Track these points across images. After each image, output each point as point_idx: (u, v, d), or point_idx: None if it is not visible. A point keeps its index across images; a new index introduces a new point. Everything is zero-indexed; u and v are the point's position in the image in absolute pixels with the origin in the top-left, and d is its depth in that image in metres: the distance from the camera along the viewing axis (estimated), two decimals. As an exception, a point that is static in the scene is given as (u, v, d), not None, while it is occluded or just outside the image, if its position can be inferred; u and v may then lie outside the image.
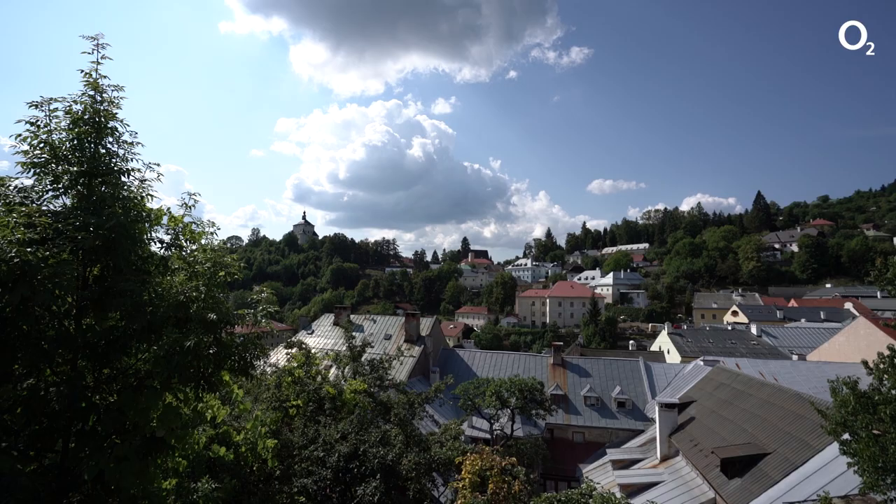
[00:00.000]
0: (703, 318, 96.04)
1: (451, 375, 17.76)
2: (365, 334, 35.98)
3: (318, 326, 42.23)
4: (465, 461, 8.79)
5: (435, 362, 37.61)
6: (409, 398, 14.89)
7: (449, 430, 14.28)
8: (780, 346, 48.70)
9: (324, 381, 14.17)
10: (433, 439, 13.54)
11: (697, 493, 19.35)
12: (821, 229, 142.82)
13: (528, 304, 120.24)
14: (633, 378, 34.71)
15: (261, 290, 6.23)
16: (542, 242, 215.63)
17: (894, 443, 9.50)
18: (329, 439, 11.15)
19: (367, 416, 13.46)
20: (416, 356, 34.51)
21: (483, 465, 8.45)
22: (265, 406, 13.10)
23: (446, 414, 25.87)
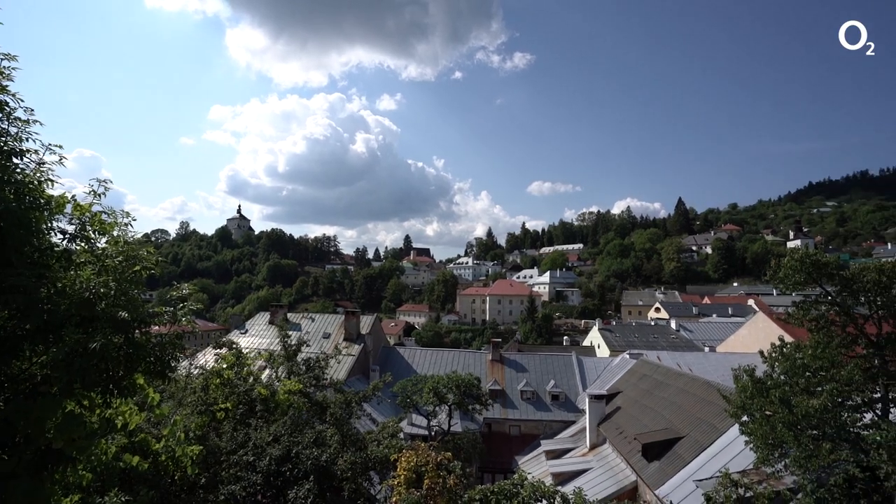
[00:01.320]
0: (631, 314, 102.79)
1: (389, 373, 17.67)
2: (302, 333, 34.78)
3: (253, 325, 40.26)
4: (400, 458, 8.79)
5: (375, 361, 37.20)
6: (347, 397, 14.63)
7: (387, 428, 14.20)
8: (694, 340, 53.23)
9: (256, 382, 13.55)
10: (370, 438, 13.40)
11: (621, 476, 20.70)
12: (730, 234, 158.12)
13: (468, 302, 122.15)
14: (567, 372, 36.39)
15: (182, 286, 5.79)
16: (483, 242, 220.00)
17: (782, 422, 10.76)
18: (260, 442, 10.68)
19: (301, 416, 13.05)
20: (355, 355, 33.92)
21: (418, 462, 8.49)
22: (190, 410, 12.30)
23: (385, 412, 25.69)
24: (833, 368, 11.53)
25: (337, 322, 38.90)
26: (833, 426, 10.84)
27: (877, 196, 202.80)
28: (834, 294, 12.94)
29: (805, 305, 13.31)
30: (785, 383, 11.97)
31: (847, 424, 10.90)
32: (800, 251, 13.36)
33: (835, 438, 10.70)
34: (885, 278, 11.99)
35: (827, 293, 13.15)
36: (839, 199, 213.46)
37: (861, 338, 12.44)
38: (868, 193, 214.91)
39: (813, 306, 13.14)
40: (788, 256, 13.28)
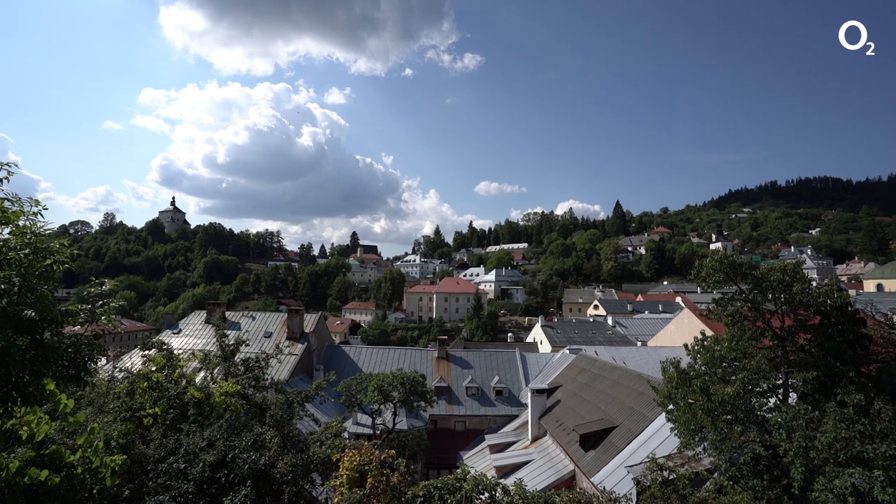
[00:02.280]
0: (571, 311, 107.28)
1: (333, 372, 17.30)
2: (241, 332, 33.24)
3: (187, 325, 37.88)
4: (343, 458, 8.65)
5: (319, 360, 36.26)
6: (288, 398, 14.16)
7: (330, 428, 13.91)
8: (629, 335, 56.53)
9: (189, 385, 12.76)
10: (313, 439, 13.06)
11: (561, 466, 21.58)
12: (662, 236, 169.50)
13: (415, 300, 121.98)
14: (510, 368, 37.37)
15: (102, 282, 5.31)
16: (430, 239, 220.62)
17: (701, 408, 11.71)
18: (192, 448, 10.08)
19: (239, 419, 12.47)
20: (298, 354, 32.90)
21: (362, 460, 8.40)
22: (112, 417, 11.38)
23: (329, 412, 25.13)
24: (745, 359, 12.71)
25: (279, 321, 37.49)
26: (744, 411, 11.94)
27: (784, 204, 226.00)
28: (747, 292, 14.25)
29: (723, 302, 14.56)
30: (705, 373, 13.04)
31: (755, 409, 12.06)
32: (719, 253, 14.59)
33: (745, 422, 11.79)
34: (787, 277, 13.38)
35: (741, 291, 14.46)
36: (753, 206, 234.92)
37: (768, 331, 13.79)
38: (777, 202, 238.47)
39: (729, 303, 14.41)
40: (709, 258, 14.48)
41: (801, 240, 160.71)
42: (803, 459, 9.57)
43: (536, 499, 9.22)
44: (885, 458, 8.09)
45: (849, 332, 13.52)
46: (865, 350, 13.75)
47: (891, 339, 14.25)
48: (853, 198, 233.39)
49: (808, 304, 13.71)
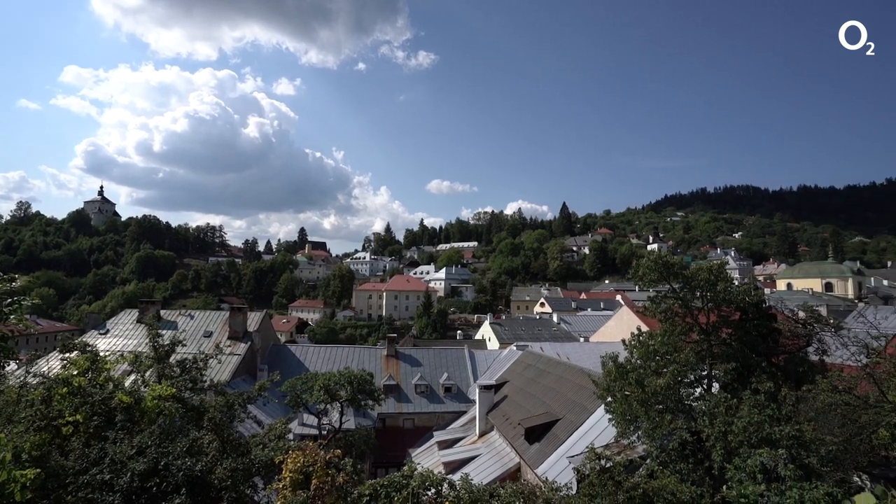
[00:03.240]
0: (519, 309, 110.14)
1: (278, 372, 16.73)
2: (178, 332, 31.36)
3: (117, 325, 35.15)
4: (286, 460, 8.40)
5: (263, 360, 34.93)
6: (229, 399, 13.52)
7: (274, 430, 13.45)
8: (573, 331, 58.92)
9: (117, 389, 11.86)
10: (255, 441, 12.56)
11: (507, 460, 22.18)
12: (604, 237, 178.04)
13: (365, 298, 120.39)
14: (459, 365, 37.83)
15: (11, 278, 4.83)
16: (381, 237, 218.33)
17: (636, 400, 12.48)
18: (120, 457, 9.38)
19: (173, 424, 11.76)
20: (241, 354, 31.51)
21: (306, 462, 8.20)
22: (24, 427, 10.36)
23: (274, 413, 24.28)
24: (675, 352, 13.68)
25: (221, 319, 35.67)
26: (673, 400, 12.85)
27: (712, 209, 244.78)
28: (678, 290, 15.33)
29: (657, 300, 15.57)
30: (640, 367, 13.89)
31: (683, 398, 13.02)
32: (654, 254, 15.59)
33: (674, 410, 12.70)
34: (712, 277, 14.55)
35: (673, 289, 15.54)
36: (686, 210, 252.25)
37: (695, 326, 14.93)
38: (706, 207, 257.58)
39: (663, 300, 15.44)
40: (645, 258, 15.43)
41: (726, 242, 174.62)
42: (722, 443, 10.46)
43: (482, 492, 9.43)
44: (788, 438, 9.07)
45: (763, 327, 14.93)
46: (776, 342, 15.23)
47: (796, 332, 15.88)
48: (769, 205, 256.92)
49: (729, 302, 14.98)
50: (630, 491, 9.84)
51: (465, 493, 8.91)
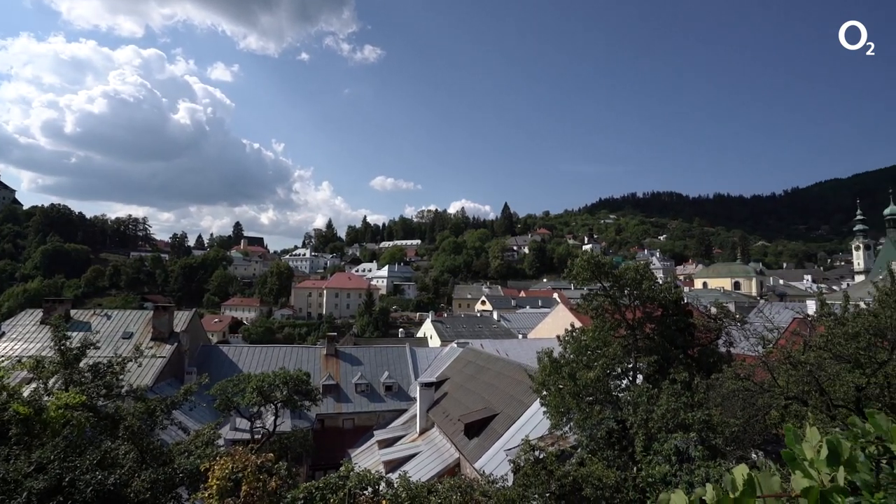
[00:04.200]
0: (461, 306, 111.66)
1: (206, 375, 15.74)
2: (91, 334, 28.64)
3: (15, 327, 31.42)
4: (213, 467, 7.95)
5: (192, 362, 32.78)
6: (150, 405, 12.56)
7: (201, 436, 12.65)
8: (512, 328, 60.64)
9: (11, 399, 10.60)
10: (179, 449, 11.74)
11: (447, 456, 22.44)
12: (543, 237, 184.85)
13: (304, 296, 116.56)
14: (400, 363, 37.72)
15: None
16: (322, 233, 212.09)
17: (569, 392, 13.12)
18: (14, 476, 8.37)
19: (83, 435, 10.72)
20: (166, 356, 29.35)
21: (235, 468, 7.82)
22: None
23: (203, 418, 22.84)
24: (605, 347, 14.53)
25: (143, 319, 32.95)
26: (602, 392, 13.65)
27: (641, 213, 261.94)
28: (608, 288, 16.28)
29: (589, 297, 16.45)
30: (573, 361, 14.61)
31: (611, 390, 13.86)
32: (587, 254, 16.44)
33: (603, 402, 13.49)
34: (638, 276, 15.61)
35: (604, 288, 16.48)
36: (618, 213, 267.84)
37: (623, 322, 15.94)
38: (635, 211, 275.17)
39: (594, 298, 16.33)
40: (579, 258, 16.23)
41: (652, 244, 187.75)
42: (644, 430, 11.28)
43: (420, 489, 9.50)
44: (699, 422, 9.98)
45: (681, 322, 16.24)
46: (691, 336, 16.64)
47: (709, 326, 17.46)
48: (690, 211, 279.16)
49: (653, 299, 16.14)
50: (561, 479, 10.34)
51: (403, 491, 8.93)
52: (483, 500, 9.96)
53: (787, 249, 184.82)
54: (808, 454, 1.84)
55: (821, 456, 1.73)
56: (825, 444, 1.75)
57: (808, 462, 1.75)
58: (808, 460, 1.75)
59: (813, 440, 1.87)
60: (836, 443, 1.67)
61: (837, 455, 1.71)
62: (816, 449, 1.82)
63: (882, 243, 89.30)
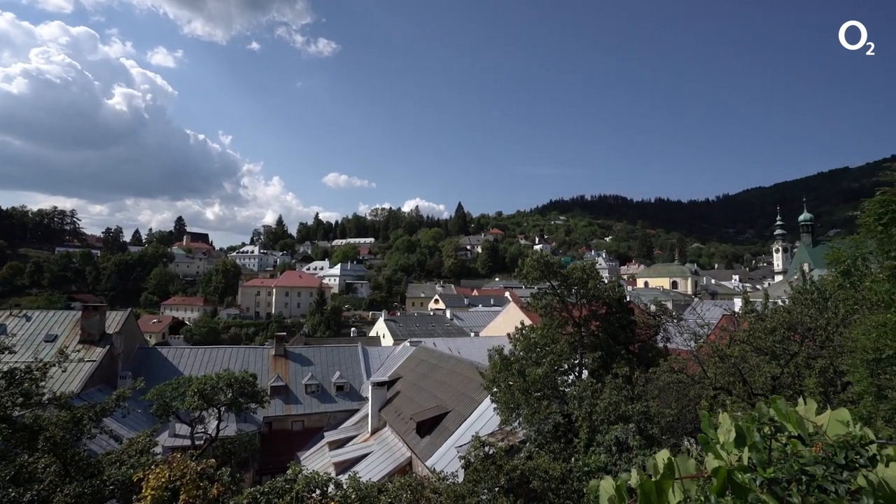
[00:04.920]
0: (414, 305, 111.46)
1: (142, 379, 14.77)
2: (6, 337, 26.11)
3: None
4: (147, 476, 7.48)
5: (126, 365, 30.65)
6: (76, 413, 11.62)
7: (135, 444, 11.86)
8: (464, 326, 61.29)
9: None
10: (110, 459, 10.94)
11: (398, 455, 22.37)
12: (496, 237, 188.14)
13: (252, 294, 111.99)
14: (352, 362, 37.15)
15: None
16: (272, 230, 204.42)
17: (518, 389, 13.49)
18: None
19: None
20: (97, 360, 27.28)
21: (172, 476, 7.41)
22: None
23: (138, 425, 21.41)
24: (553, 344, 15.05)
25: (70, 320, 30.37)
26: (550, 387, 14.14)
27: (588, 215, 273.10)
28: (556, 287, 16.86)
29: (538, 296, 16.96)
30: (523, 358, 15.03)
31: (558, 385, 14.39)
32: (537, 254, 16.94)
33: (550, 397, 13.98)
34: (585, 275, 16.29)
35: (552, 286, 17.05)
36: (567, 214, 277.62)
37: (570, 319, 16.57)
38: (584, 213, 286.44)
39: (543, 296, 16.86)
40: (529, 258, 16.70)
41: (599, 245, 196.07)
42: (588, 422, 11.80)
43: (370, 489, 9.44)
44: (638, 413, 10.61)
45: (623, 319, 17.11)
46: (633, 332, 17.58)
47: (648, 323, 18.53)
48: (633, 213, 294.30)
49: (598, 297, 16.90)
50: (510, 473, 10.62)
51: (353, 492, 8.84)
52: (433, 497, 10.04)
53: (719, 251, 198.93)
54: (722, 438, 2.05)
55: (729, 439, 1.93)
56: (734, 428, 1.95)
57: (720, 445, 1.94)
58: (719, 443, 1.94)
59: (725, 425, 2.08)
60: (744, 427, 1.87)
61: (744, 437, 1.90)
62: (727, 433, 2.02)
63: (797, 247, 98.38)
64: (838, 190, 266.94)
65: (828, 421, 2.03)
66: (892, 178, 17.28)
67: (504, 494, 10.30)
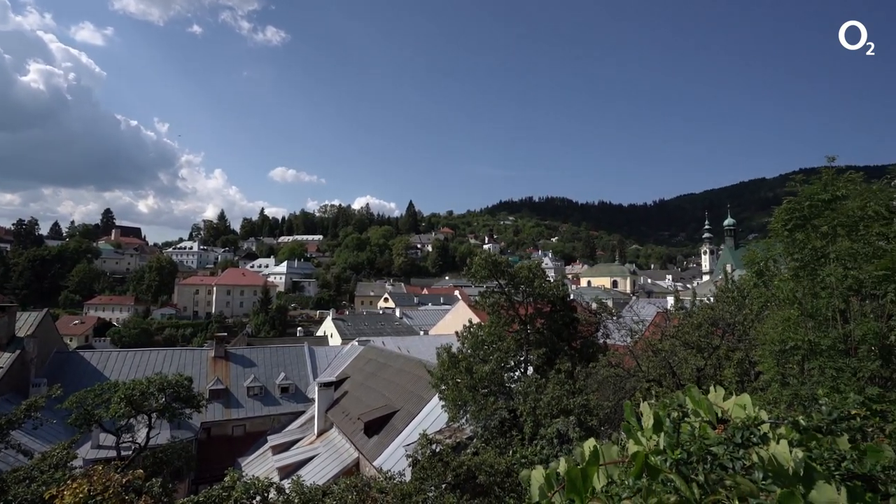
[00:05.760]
0: (363, 304, 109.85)
1: (59, 385, 13.50)
2: None
3: None
4: (62, 493, 6.83)
5: (41, 371, 27.94)
6: (-23, 427, 10.48)
7: (49, 458, 10.82)
8: (414, 325, 61.24)
9: None
10: (17, 477, 9.91)
11: (346, 456, 21.99)
12: (446, 236, 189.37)
13: (190, 293, 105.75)
14: (298, 363, 36.06)
15: None
16: (213, 225, 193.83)
17: (465, 386, 13.70)
18: None
19: None
20: (4, 367, 24.64)
21: (93, 490, 6.85)
22: None
23: (54, 437, 19.52)
24: (500, 341, 15.41)
25: (-32, 323, 27.18)
26: (496, 384, 14.47)
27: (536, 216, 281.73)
28: (503, 286, 17.27)
29: (486, 294, 17.29)
30: (470, 355, 15.27)
31: (504, 381, 14.76)
32: (485, 253, 17.26)
33: (497, 393, 14.32)
34: (531, 274, 16.81)
35: (500, 285, 17.44)
36: (516, 215, 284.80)
37: (516, 317, 17.03)
38: (532, 214, 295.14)
39: (491, 295, 17.21)
40: (477, 257, 16.99)
41: (546, 245, 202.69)
42: (532, 417, 12.21)
43: (314, 492, 9.23)
44: (578, 406, 11.13)
45: (567, 317, 17.83)
46: (575, 329, 18.36)
47: (590, 320, 19.44)
48: (578, 215, 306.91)
49: (543, 296, 17.49)
50: (456, 469, 10.76)
51: (296, 496, 8.61)
52: (380, 497, 9.99)
53: (655, 253, 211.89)
54: (645, 425, 2.22)
55: (649, 425, 2.09)
56: (653, 415, 2.12)
57: (640, 432, 2.10)
58: (640, 430, 2.11)
59: (646, 413, 2.25)
60: (661, 414, 2.04)
61: (661, 424, 2.08)
62: (648, 420, 2.20)
63: (722, 249, 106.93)
64: (757, 198, 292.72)
65: (732, 406, 2.26)
66: (795, 189, 19.40)
67: (451, 491, 10.42)
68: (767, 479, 1.65)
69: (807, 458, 1.76)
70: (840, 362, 6.48)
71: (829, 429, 2.10)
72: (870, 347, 6.40)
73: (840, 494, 1.59)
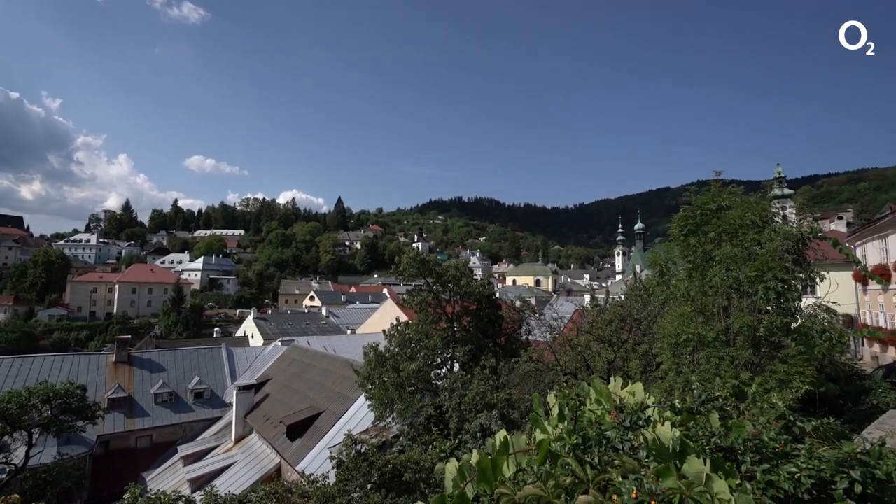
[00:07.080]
0: (287, 302, 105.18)
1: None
2: None
3: None
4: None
5: None
6: None
7: None
8: (341, 324, 59.84)
9: None
10: None
11: (266, 462, 20.96)
12: (376, 233, 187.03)
13: (86, 291, 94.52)
14: (214, 365, 33.76)
15: None
16: (116, 216, 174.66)
17: (392, 384, 13.69)
18: None
19: None
20: None
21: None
22: None
23: None
24: (427, 339, 15.56)
25: None
26: (423, 381, 14.62)
27: (465, 216, 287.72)
28: (431, 284, 17.47)
29: (414, 292, 17.39)
30: (397, 354, 15.26)
31: (431, 379, 14.95)
32: (413, 251, 17.35)
33: (423, 390, 14.46)
34: (458, 273, 17.18)
35: (427, 283, 17.62)
36: (446, 214, 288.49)
37: (444, 316, 17.32)
38: (461, 213, 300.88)
39: (418, 293, 17.33)
40: (405, 255, 17.04)
41: (474, 245, 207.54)
42: (457, 412, 12.50)
43: (230, 502, 8.74)
44: (501, 401, 11.62)
45: (492, 315, 18.45)
46: (500, 327, 19.06)
47: (514, 318, 20.29)
48: (505, 216, 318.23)
49: (470, 294, 17.94)
50: (382, 468, 10.72)
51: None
52: (301, 501, 9.69)
53: (574, 253, 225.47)
54: (552, 414, 2.42)
55: (554, 414, 2.29)
56: (558, 405, 2.32)
57: (546, 420, 2.29)
58: (546, 419, 2.30)
59: (553, 403, 2.46)
60: (561, 403, 2.25)
61: (564, 413, 2.28)
62: (554, 410, 2.40)
63: (633, 251, 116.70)
64: (662, 205, 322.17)
65: (626, 394, 2.54)
66: (690, 198, 22.43)
67: (376, 490, 10.37)
68: (650, 457, 1.89)
69: (683, 436, 2.05)
70: (722, 352, 7.45)
71: (699, 409, 2.43)
72: (744, 338, 7.42)
73: (706, 465, 1.87)
